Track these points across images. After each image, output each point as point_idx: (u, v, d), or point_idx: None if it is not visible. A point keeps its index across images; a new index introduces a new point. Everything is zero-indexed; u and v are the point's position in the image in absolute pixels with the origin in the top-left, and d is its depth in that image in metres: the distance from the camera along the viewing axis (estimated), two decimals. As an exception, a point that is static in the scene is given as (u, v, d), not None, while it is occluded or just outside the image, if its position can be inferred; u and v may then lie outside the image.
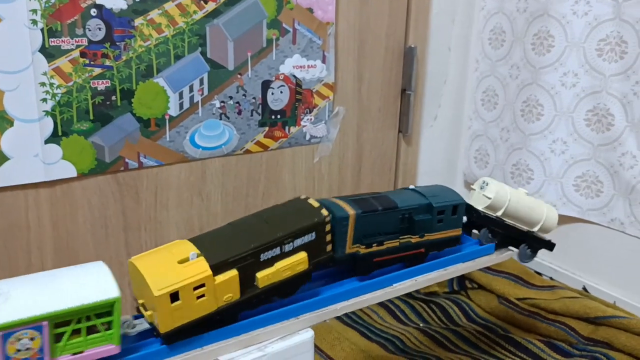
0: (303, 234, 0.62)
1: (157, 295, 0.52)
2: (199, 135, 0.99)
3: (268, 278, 0.60)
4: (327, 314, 0.64)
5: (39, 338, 0.48)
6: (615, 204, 1.08)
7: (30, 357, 0.48)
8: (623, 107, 1.04)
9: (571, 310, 1.06)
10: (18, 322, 0.46)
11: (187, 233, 1.03)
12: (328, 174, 1.17)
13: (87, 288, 0.50)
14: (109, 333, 0.51)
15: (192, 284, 0.54)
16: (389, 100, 1.21)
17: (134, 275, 0.57)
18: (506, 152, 1.20)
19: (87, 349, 0.50)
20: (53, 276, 0.51)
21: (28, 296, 0.48)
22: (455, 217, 0.76)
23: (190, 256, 0.56)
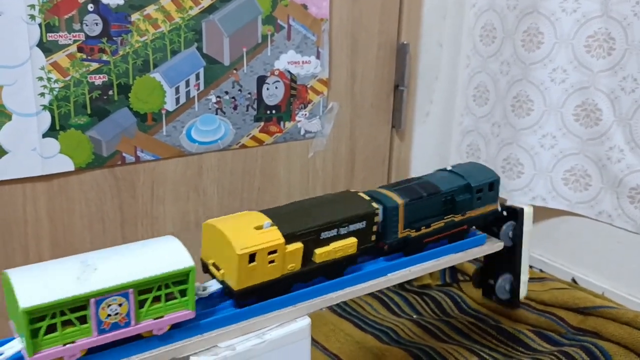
0: (356, 221, 0.67)
1: (240, 253, 0.58)
2: (195, 130, 1.00)
3: (324, 255, 0.65)
4: (324, 303, 0.66)
5: (126, 304, 0.52)
6: (603, 197, 1.10)
7: (118, 321, 0.52)
8: (611, 103, 1.06)
9: (560, 301, 1.08)
10: (109, 290, 0.50)
11: (183, 228, 1.04)
12: (322, 168, 1.18)
13: (164, 258, 0.54)
14: (185, 299, 0.55)
15: (267, 249, 0.60)
16: (382, 96, 1.22)
17: (208, 237, 0.62)
18: (497, 147, 1.23)
19: (166, 314, 0.55)
20: (131, 249, 0.55)
21: (114, 267, 0.52)
22: (492, 193, 0.82)
23: (264, 224, 0.61)
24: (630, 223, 1.07)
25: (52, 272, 0.50)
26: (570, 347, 1.00)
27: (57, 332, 0.49)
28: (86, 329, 0.51)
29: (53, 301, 0.48)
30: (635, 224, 1.06)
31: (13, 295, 0.48)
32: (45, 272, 0.50)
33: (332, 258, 0.66)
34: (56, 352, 0.50)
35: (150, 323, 0.54)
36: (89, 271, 0.50)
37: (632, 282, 1.09)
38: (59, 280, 0.49)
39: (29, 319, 0.47)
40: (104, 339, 0.52)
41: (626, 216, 1.07)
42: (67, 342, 0.50)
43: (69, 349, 0.50)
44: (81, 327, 0.50)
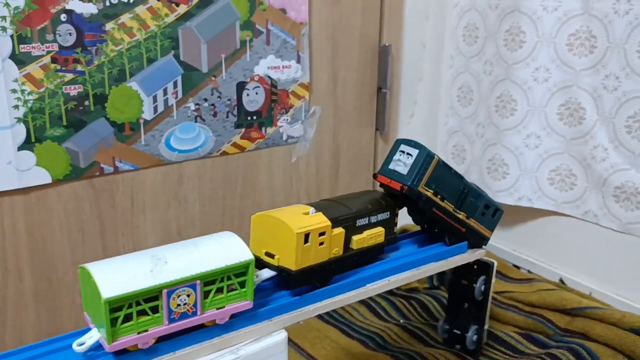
0: (383, 211, 0.73)
1: (298, 232, 0.62)
2: (175, 139, 0.99)
3: (360, 242, 0.70)
4: (301, 316, 0.65)
5: (193, 295, 0.56)
6: (589, 197, 1.09)
7: (187, 310, 0.56)
8: (594, 101, 1.05)
9: (548, 302, 1.08)
10: (179, 281, 0.54)
11: (164, 237, 1.03)
12: (306, 173, 1.17)
13: (226, 252, 0.58)
14: (244, 290, 0.59)
15: (318, 229, 0.64)
16: (365, 99, 1.21)
17: (258, 228, 0.66)
18: (482, 147, 1.22)
19: (227, 304, 0.59)
20: (195, 244, 0.58)
21: (182, 260, 0.56)
22: (493, 219, 0.84)
23: (310, 211, 0.66)
24: (616, 222, 1.06)
25: (127, 266, 0.54)
26: (557, 349, 0.99)
27: (133, 321, 0.53)
28: (158, 318, 0.54)
29: (131, 292, 0.52)
30: (620, 223, 1.06)
31: (93, 288, 0.52)
32: (121, 266, 0.54)
33: (366, 245, 0.71)
34: (132, 339, 0.53)
35: (213, 313, 0.58)
36: (161, 264, 0.54)
37: (619, 282, 1.09)
38: (135, 273, 0.53)
39: (109, 309, 0.51)
40: (174, 328, 0.56)
41: (612, 215, 1.07)
42: (141, 331, 0.54)
43: (143, 336, 0.54)
44: (153, 316, 0.54)
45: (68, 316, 0.98)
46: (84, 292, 0.56)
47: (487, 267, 0.89)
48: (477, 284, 0.89)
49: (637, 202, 1.02)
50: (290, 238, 0.62)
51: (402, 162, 0.75)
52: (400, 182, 0.74)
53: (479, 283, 0.89)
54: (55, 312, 0.96)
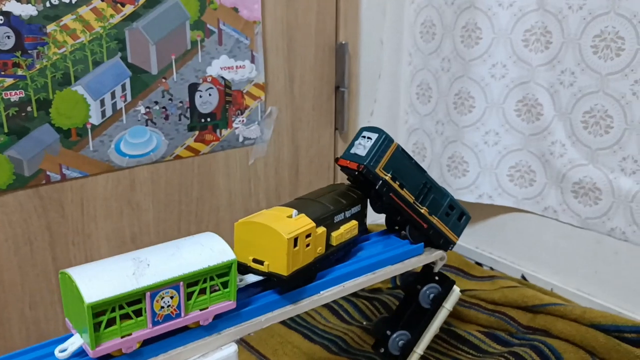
0: (355, 204, 0.73)
1: (288, 237, 0.61)
2: (125, 143, 0.96)
3: (338, 238, 0.70)
4: (251, 327, 0.62)
5: (177, 296, 0.55)
6: (548, 193, 1.09)
7: (170, 312, 0.55)
8: (551, 97, 1.05)
9: (510, 299, 1.07)
10: (162, 283, 0.54)
11: (118, 245, 0.99)
12: (264, 175, 1.15)
13: (208, 253, 0.58)
14: (227, 291, 0.59)
15: (305, 232, 0.64)
16: (323, 98, 1.19)
17: (243, 235, 0.64)
18: (442, 145, 1.21)
19: (210, 305, 0.58)
20: (177, 245, 0.58)
21: (164, 262, 0.55)
22: (459, 223, 0.82)
23: (293, 214, 0.65)
24: (575, 218, 1.06)
25: (109, 269, 0.53)
26: (520, 347, 0.99)
27: (116, 325, 0.52)
28: (141, 321, 0.54)
29: (114, 296, 0.51)
30: (580, 218, 1.06)
31: (75, 293, 0.51)
32: (103, 270, 0.53)
33: (344, 240, 0.71)
34: (116, 344, 0.53)
35: (197, 314, 0.57)
36: (143, 267, 0.54)
37: (579, 277, 1.09)
38: (117, 276, 0.52)
39: (92, 314, 0.50)
40: (158, 330, 0.55)
41: (571, 211, 1.07)
42: (125, 335, 0.53)
43: (127, 340, 0.53)
44: (137, 319, 0.53)
45: (18, 330, 0.94)
46: (65, 298, 0.55)
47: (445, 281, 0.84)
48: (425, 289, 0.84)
49: (595, 197, 1.02)
50: (281, 243, 0.61)
51: (362, 145, 0.74)
52: (358, 162, 0.73)
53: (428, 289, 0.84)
54: (3, 327, 0.92)
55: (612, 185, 1.00)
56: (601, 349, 0.96)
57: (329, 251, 0.69)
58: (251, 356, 0.99)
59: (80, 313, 0.51)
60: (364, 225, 0.76)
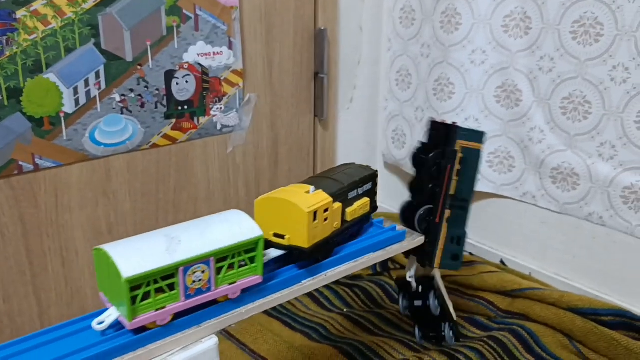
0: (367, 182, 0.76)
1: (308, 211, 0.64)
2: (100, 132, 0.94)
3: (352, 213, 0.73)
4: (232, 319, 0.61)
5: (208, 271, 0.57)
6: (527, 178, 1.10)
7: (201, 287, 0.57)
8: (530, 83, 1.05)
9: (489, 284, 1.08)
10: (194, 259, 0.56)
11: (94, 235, 0.98)
12: (243, 163, 1.13)
13: (236, 229, 0.60)
14: (254, 266, 0.61)
15: (323, 206, 0.66)
16: (302, 85, 1.18)
17: (263, 211, 0.67)
18: (421, 131, 1.20)
19: (238, 280, 0.60)
20: (206, 222, 0.60)
21: (195, 238, 0.57)
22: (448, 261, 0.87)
23: (310, 189, 0.67)
24: (554, 203, 1.07)
25: (143, 246, 0.55)
26: (498, 331, 1.00)
27: (151, 299, 0.54)
28: (175, 295, 0.56)
29: (150, 270, 0.53)
30: (558, 203, 1.06)
31: (112, 268, 0.53)
32: (137, 246, 0.55)
33: (357, 216, 0.74)
34: (150, 316, 0.55)
35: (226, 288, 0.60)
36: (175, 243, 0.56)
37: (557, 262, 1.10)
38: (151, 252, 0.54)
39: (129, 288, 0.52)
40: (190, 304, 0.57)
41: (549, 196, 1.07)
42: (159, 308, 0.55)
43: (161, 313, 0.55)
44: (170, 293, 0.55)
45: (-8, 324, 0.92)
46: (99, 274, 0.57)
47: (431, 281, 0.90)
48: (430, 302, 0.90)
49: (573, 182, 1.03)
50: (302, 217, 0.64)
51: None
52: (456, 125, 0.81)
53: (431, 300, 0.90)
54: (-23, 321, 0.91)
55: (590, 170, 1.00)
56: (578, 332, 0.97)
57: (344, 226, 0.72)
58: (231, 345, 0.99)
59: (116, 287, 0.53)
60: (375, 202, 0.79)
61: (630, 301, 1.00)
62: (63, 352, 0.54)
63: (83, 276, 0.98)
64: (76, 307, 0.98)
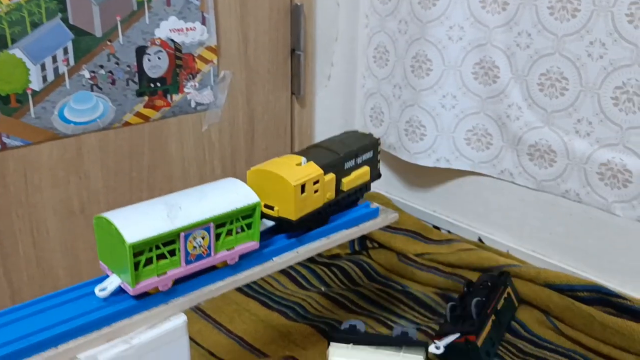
0: (366, 150, 0.76)
1: (295, 184, 0.65)
2: (69, 110, 0.92)
3: (349, 183, 0.74)
4: (201, 297, 0.61)
5: (207, 237, 0.59)
6: (504, 156, 1.09)
7: (202, 252, 0.59)
8: (507, 59, 1.04)
9: (467, 262, 1.08)
10: (195, 224, 0.57)
11: (66, 215, 0.96)
12: (219, 141, 1.12)
13: (233, 196, 0.61)
14: (251, 232, 0.63)
15: (312, 179, 0.67)
16: (279, 62, 1.16)
17: (255, 182, 0.67)
18: (399, 109, 1.19)
19: (236, 245, 0.62)
20: (203, 191, 0.61)
21: (194, 205, 0.58)
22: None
23: (302, 161, 0.68)
24: (531, 180, 1.07)
25: (144, 213, 0.56)
26: (475, 308, 1.00)
27: (153, 265, 0.56)
28: (175, 260, 0.57)
29: (151, 237, 0.54)
30: (535, 181, 1.06)
31: (114, 235, 0.54)
32: (138, 213, 0.56)
33: (354, 186, 0.75)
34: (153, 282, 0.56)
35: (225, 254, 0.61)
36: (176, 210, 0.57)
37: (534, 239, 1.10)
38: (153, 219, 0.55)
39: (132, 253, 0.53)
40: (190, 269, 0.59)
41: (527, 174, 1.07)
42: (160, 273, 0.57)
43: (163, 279, 0.57)
44: (171, 259, 0.57)
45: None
46: (100, 242, 0.58)
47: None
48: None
49: (550, 159, 1.03)
50: (288, 190, 0.65)
51: None
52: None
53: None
54: (-54, 303, 0.89)
55: (566, 147, 1.00)
56: (555, 308, 0.97)
57: (340, 196, 0.73)
58: (207, 324, 0.98)
59: (119, 254, 0.54)
60: (377, 170, 0.80)
61: (606, 277, 1.01)
62: (67, 315, 0.55)
63: (55, 256, 0.96)
64: (48, 288, 0.96)
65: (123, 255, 0.54)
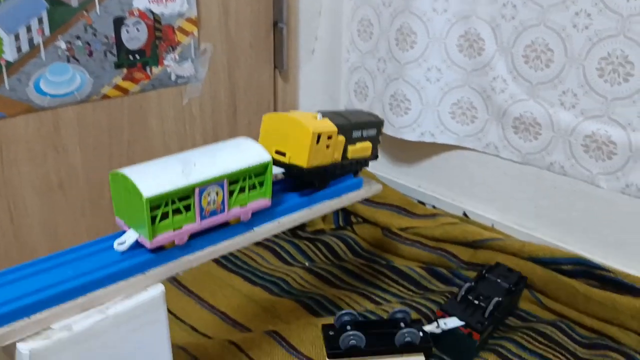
0: (372, 127, 0.77)
1: (313, 131, 0.66)
2: (45, 82, 0.89)
3: (354, 152, 0.75)
4: (179, 267, 0.59)
5: (221, 193, 0.60)
6: (489, 129, 1.09)
7: (216, 208, 0.60)
8: (492, 31, 1.03)
9: (451, 235, 1.08)
10: (209, 180, 0.59)
11: (45, 189, 0.94)
12: (200, 116, 1.10)
13: (246, 154, 0.62)
14: (263, 189, 0.64)
15: (328, 133, 0.68)
16: (261, 35, 1.14)
17: (269, 127, 0.69)
18: (384, 83, 1.18)
19: (249, 202, 0.64)
20: (217, 148, 0.62)
21: (208, 162, 0.60)
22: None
23: (318, 115, 0.69)
24: (516, 153, 1.06)
25: (159, 169, 0.57)
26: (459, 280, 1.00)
27: (169, 219, 0.57)
28: (191, 215, 0.58)
29: (168, 191, 0.55)
30: (520, 154, 1.06)
31: (131, 190, 0.55)
32: (154, 169, 0.57)
33: (358, 156, 0.76)
34: (170, 236, 0.58)
35: (238, 210, 0.63)
36: (190, 166, 0.58)
37: (519, 212, 1.10)
38: (168, 174, 0.57)
39: (150, 207, 0.54)
40: (205, 224, 0.60)
41: (511, 147, 1.06)
42: (176, 228, 0.58)
43: (179, 233, 0.58)
44: (187, 214, 0.58)
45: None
46: (116, 198, 0.59)
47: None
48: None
49: (535, 132, 1.02)
50: (305, 137, 0.66)
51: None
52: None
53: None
54: None
55: (551, 119, 0.99)
56: (539, 282, 0.97)
57: (344, 162, 0.74)
58: (190, 300, 0.97)
59: (136, 208, 0.55)
60: (377, 150, 0.80)
61: (590, 249, 1.01)
62: (88, 268, 0.56)
63: (33, 231, 0.95)
64: (27, 265, 0.94)
65: (140, 209, 0.54)
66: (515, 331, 0.89)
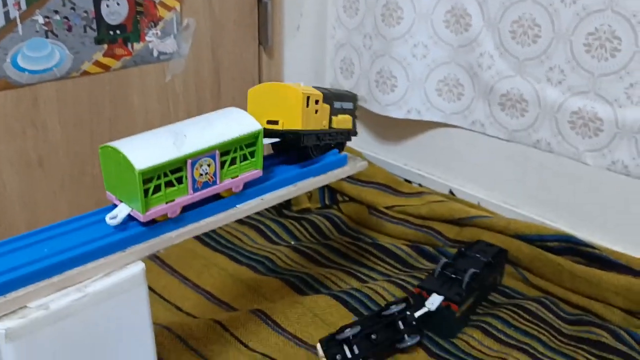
0: (349, 100, 0.79)
1: (303, 92, 0.66)
2: (22, 57, 0.87)
3: (338, 122, 0.76)
4: (160, 244, 0.58)
5: (213, 165, 0.60)
6: (476, 106, 1.08)
7: (208, 180, 0.60)
8: (479, 6, 1.02)
9: (437, 213, 1.07)
10: (201, 152, 0.58)
11: (23, 167, 0.92)
12: (183, 93, 1.08)
13: (236, 124, 0.62)
14: (254, 160, 0.64)
15: (315, 96, 0.69)
16: (245, 10, 1.12)
17: (256, 99, 0.69)
18: (370, 59, 1.17)
19: (240, 174, 0.64)
20: (206, 120, 0.62)
21: (199, 134, 0.59)
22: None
23: (301, 84, 0.69)
24: (502, 131, 1.06)
25: (150, 141, 0.57)
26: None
27: (161, 192, 0.57)
28: (183, 188, 0.58)
29: (160, 163, 0.55)
30: (506, 131, 1.05)
31: (123, 163, 0.54)
32: (145, 141, 0.56)
33: (341, 127, 0.77)
34: (162, 208, 0.57)
35: (230, 182, 0.63)
36: (181, 138, 0.57)
37: (505, 190, 1.09)
38: (160, 147, 0.56)
39: (142, 180, 0.54)
40: (197, 196, 0.60)
41: (498, 124, 1.06)
42: (169, 200, 0.58)
43: (171, 206, 0.58)
44: (179, 187, 0.58)
45: None
46: (107, 172, 0.58)
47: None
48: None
49: (521, 109, 1.02)
50: (296, 99, 0.66)
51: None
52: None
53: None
54: None
55: (538, 96, 0.99)
56: (525, 259, 0.97)
57: (329, 131, 0.74)
58: (174, 279, 0.96)
59: (128, 182, 0.55)
60: (355, 126, 0.81)
61: (576, 227, 1.01)
62: (80, 240, 0.55)
63: (13, 210, 0.93)
64: (7, 244, 0.93)
65: (132, 182, 0.54)
66: (500, 308, 0.89)
